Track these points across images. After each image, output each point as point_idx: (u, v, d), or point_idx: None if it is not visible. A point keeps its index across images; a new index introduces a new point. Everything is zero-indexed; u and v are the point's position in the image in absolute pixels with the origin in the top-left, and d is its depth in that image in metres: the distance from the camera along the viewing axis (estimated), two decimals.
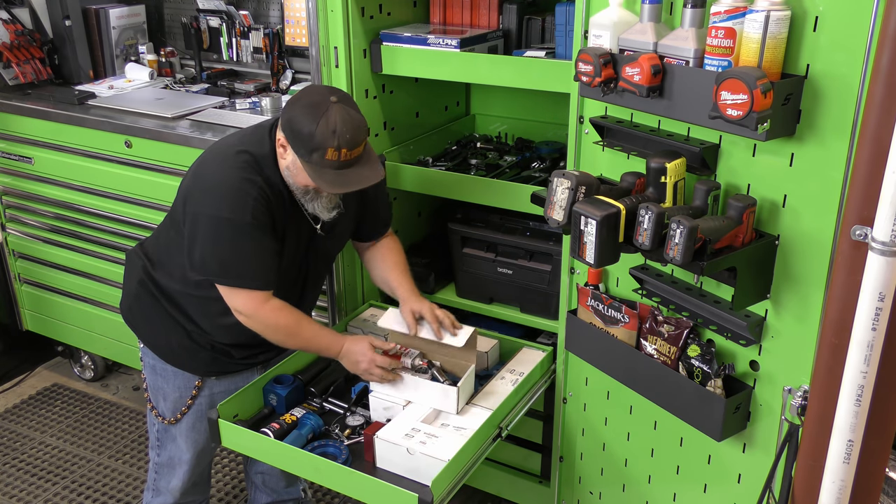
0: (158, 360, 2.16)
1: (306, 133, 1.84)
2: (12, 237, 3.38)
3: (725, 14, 1.55)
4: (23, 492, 2.92)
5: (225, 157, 1.97)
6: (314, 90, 1.92)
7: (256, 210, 1.91)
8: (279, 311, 2.00)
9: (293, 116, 1.87)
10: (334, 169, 1.87)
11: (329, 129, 1.82)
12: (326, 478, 1.94)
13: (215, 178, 1.95)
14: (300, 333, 2.04)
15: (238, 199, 1.90)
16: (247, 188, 1.91)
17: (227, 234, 1.92)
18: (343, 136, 1.83)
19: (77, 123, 2.96)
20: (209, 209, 1.92)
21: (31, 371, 3.65)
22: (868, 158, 1.31)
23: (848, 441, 1.42)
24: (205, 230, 1.94)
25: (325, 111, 1.83)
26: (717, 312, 1.81)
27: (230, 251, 1.93)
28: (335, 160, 1.85)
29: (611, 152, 1.96)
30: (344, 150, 1.84)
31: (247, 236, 1.92)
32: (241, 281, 1.96)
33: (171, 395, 2.18)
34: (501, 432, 2.07)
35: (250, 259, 1.94)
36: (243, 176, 1.92)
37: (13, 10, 3.28)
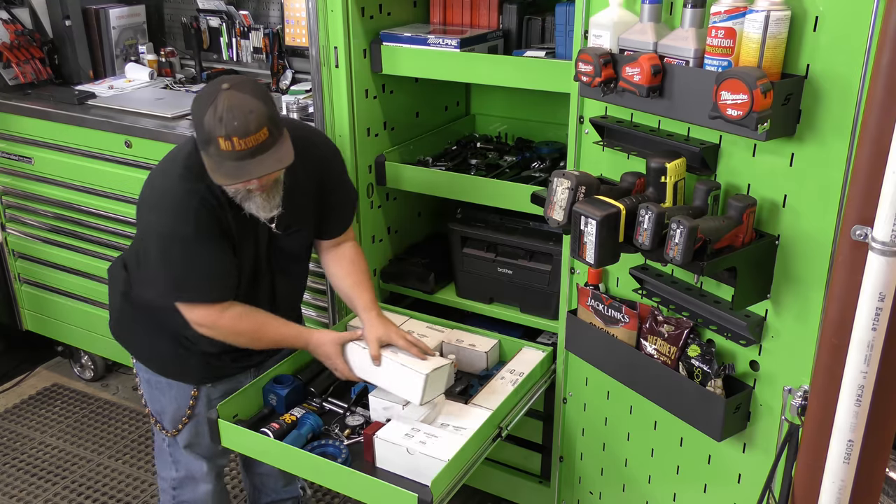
0: (152, 373, 2.13)
1: (197, 124, 1.75)
2: (12, 237, 3.38)
3: (725, 14, 1.55)
4: (23, 492, 2.92)
5: (166, 168, 1.91)
6: (218, 79, 1.79)
7: (200, 220, 1.83)
8: (239, 319, 1.95)
9: (192, 106, 1.77)
10: (233, 160, 1.73)
11: (216, 117, 1.70)
12: (326, 478, 1.94)
13: (156, 193, 1.88)
14: (265, 336, 2.01)
15: (180, 211, 1.83)
16: (187, 200, 1.83)
17: (174, 250, 1.86)
18: (230, 123, 1.69)
19: (77, 123, 2.96)
20: (153, 225, 1.87)
21: (31, 371, 3.65)
22: (868, 158, 1.31)
23: (848, 441, 1.42)
24: (153, 249, 1.89)
25: (214, 99, 1.71)
26: (717, 312, 1.81)
27: (180, 267, 1.87)
28: (230, 150, 1.71)
29: (611, 152, 1.96)
30: (235, 138, 1.70)
31: (194, 249, 1.85)
32: (195, 295, 1.90)
33: (169, 407, 2.15)
34: (501, 432, 2.07)
35: (201, 272, 1.88)
36: (184, 187, 1.83)
37: (13, 10, 3.28)
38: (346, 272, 2.17)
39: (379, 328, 2.05)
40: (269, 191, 1.86)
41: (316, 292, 2.70)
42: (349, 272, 2.17)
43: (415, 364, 1.98)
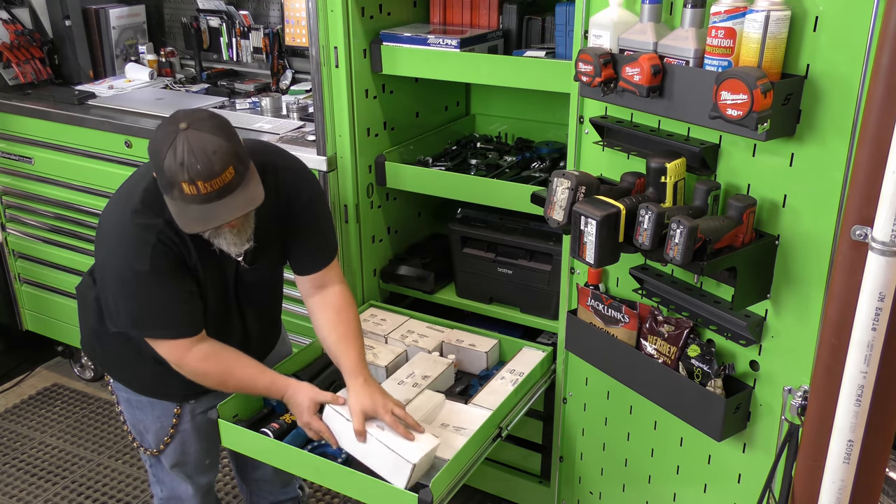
0: (132, 392, 2.04)
1: (157, 168, 1.63)
2: (12, 237, 3.38)
3: (725, 14, 1.55)
4: (23, 492, 2.92)
5: (122, 201, 1.79)
6: (174, 115, 1.66)
7: (156, 257, 1.73)
8: (206, 360, 1.85)
9: (150, 147, 1.66)
10: (199, 204, 1.62)
11: (177, 161, 1.58)
12: (326, 478, 1.94)
13: (111, 227, 1.79)
14: (233, 379, 1.90)
15: (135, 248, 1.73)
16: (143, 235, 1.73)
17: (130, 286, 1.77)
18: (192, 167, 1.58)
19: (77, 123, 2.96)
20: (110, 258, 1.79)
21: (31, 371, 3.65)
22: (868, 158, 1.31)
23: (848, 441, 1.42)
24: (110, 282, 1.80)
25: (172, 141, 1.60)
26: (717, 312, 1.81)
27: (138, 303, 1.78)
28: (195, 194, 1.60)
29: (611, 152, 1.96)
30: (199, 182, 1.59)
31: (150, 286, 1.75)
32: (156, 332, 1.81)
33: (152, 426, 2.07)
34: (501, 432, 2.07)
35: (159, 309, 1.78)
36: (140, 222, 1.73)
37: (13, 10, 3.28)
38: (331, 325, 1.98)
39: (365, 399, 1.85)
40: (240, 227, 1.77)
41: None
42: (334, 325, 1.98)
43: (403, 448, 1.80)
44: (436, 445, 1.85)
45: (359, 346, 1.98)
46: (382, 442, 1.82)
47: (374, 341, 2.45)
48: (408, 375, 2.23)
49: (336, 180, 2.50)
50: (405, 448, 1.81)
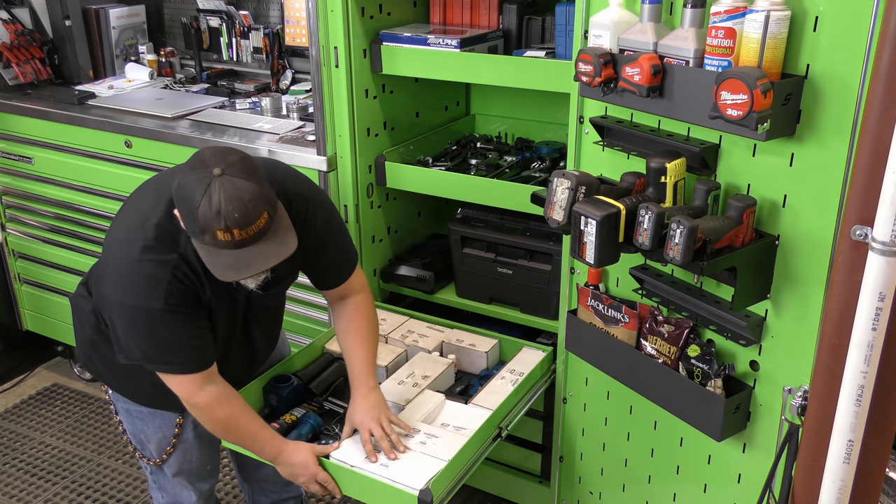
0: (132, 403, 2.02)
1: (189, 211, 1.58)
2: (12, 237, 3.38)
3: (725, 14, 1.55)
4: (23, 492, 2.92)
5: (132, 237, 1.73)
6: (201, 157, 1.62)
7: (170, 294, 1.69)
8: (217, 401, 1.81)
9: (179, 191, 1.60)
10: (231, 249, 1.60)
11: (213, 209, 1.55)
12: None
13: (121, 260, 1.73)
14: (237, 427, 1.86)
15: (148, 285, 1.69)
16: (158, 273, 1.69)
17: (141, 323, 1.72)
18: (230, 216, 1.55)
19: (77, 123, 2.96)
20: (118, 295, 1.72)
21: (31, 371, 3.65)
22: (868, 158, 1.31)
23: (848, 441, 1.42)
24: (119, 318, 1.75)
25: (208, 187, 1.55)
26: (717, 312, 1.81)
27: (148, 340, 1.74)
28: (229, 241, 1.58)
29: (611, 152, 1.96)
30: (235, 230, 1.56)
31: (162, 324, 1.71)
32: (167, 367, 1.77)
33: (153, 436, 2.05)
34: (501, 432, 2.07)
35: (171, 346, 1.75)
36: (153, 258, 1.69)
37: (13, 10, 3.28)
38: (343, 331, 2.03)
39: (357, 411, 1.93)
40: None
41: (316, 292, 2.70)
42: (346, 331, 2.02)
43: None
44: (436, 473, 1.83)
45: (365, 356, 1.98)
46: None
47: None
48: (408, 375, 2.23)
49: (336, 180, 2.50)
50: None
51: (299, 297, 2.74)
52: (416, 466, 1.85)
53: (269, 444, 1.90)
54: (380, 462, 1.87)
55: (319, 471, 1.89)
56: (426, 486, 1.77)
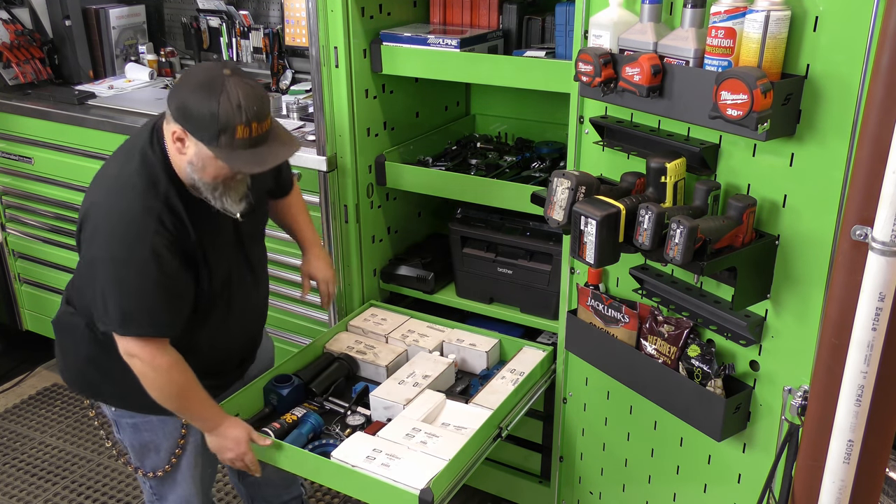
0: (140, 415, 2.00)
1: (208, 115, 1.64)
2: (12, 237, 3.38)
3: (725, 14, 1.55)
4: (23, 492, 2.92)
5: (112, 187, 1.77)
6: (199, 69, 1.71)
7: (157, 243, 1.71)
8: (175, 366, 1.82)
9: (186, 102, 1.66)
10: (247, 148, 1.68)
11: (233, 104, 1.63)
12: (327, 477, 1.94)
13: (106, 219, 1.74)
14: (189, 394, 1.87)
15: (136, 234, 1.71)
16: (143, 220, 1.71)
17: (126, 276, 1.72)
18: (250, 109, 1.65)
19: (77, 123, 2.96)
20: (105, 251, 1.73)
21: (31, 371, 3.65)
22: (868, 158, 1.31)
23: (848, 441, 1.42)
24: (105, 275, 1.74)
25: (223, 86, 1.64)
26: (717, 312, 1.81)
27: (130, 295, 1.73)
28: (247, 137, 1.66)
29: (611, 152, 1.96)
30: (254, 123, 1.66)
31: (146, 276, 1.72)
32: (142, 329, 1.76)
33: (163, 444, 2.05)
34: (501, 432, 2.07)
35: (150, 302, 1.74)
36: (140, 206, 1.72)
37: (13, 10, 3.28)
38: (285, 209, 2.25)
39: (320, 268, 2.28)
40: (244, 181, 1.83)
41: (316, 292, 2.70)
42: (288, 207, 2.24)
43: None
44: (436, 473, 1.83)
45: (308, 221, 2.29)
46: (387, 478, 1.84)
47: (374, 341, 2.45)
48: (408, 375, 2.23)
49: (336, 180, 2.50)
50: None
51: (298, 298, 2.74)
52: (417, 466, 1.85)
53: (214, 416, 1.94)
54: (380, 462, 1.87)
55: (249, 452, 1.94)
56: (427, 485, 1.77)
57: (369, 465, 1.87)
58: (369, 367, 2.35)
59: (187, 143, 1.71)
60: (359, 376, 2.36)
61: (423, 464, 1.86)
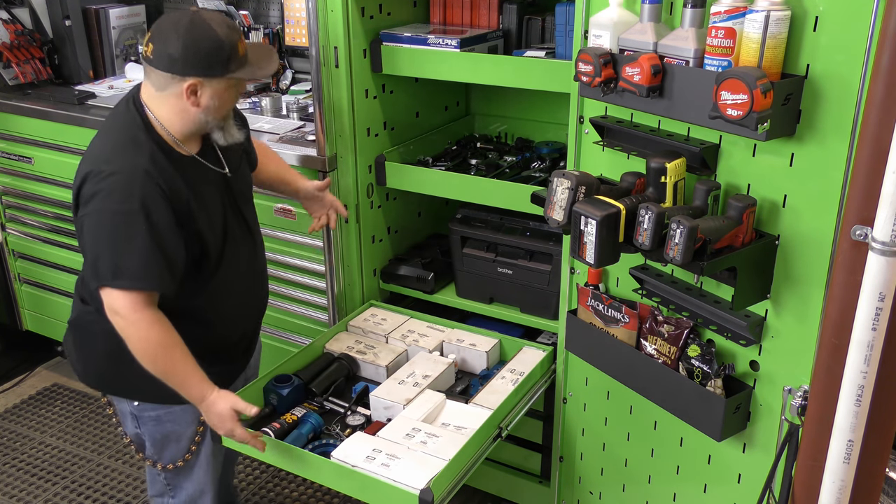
0: (163, 407, 2.03)
1: (215, 46, 1.76)
2: (12, 237, 3.38)
3: (725, 14, 1.55)
4: (23, 492, 2.92)
5: (101, 153, 1.83)
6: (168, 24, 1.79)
7: (146, 196, 1.76)
8: (157, 324, 1.81)
9: (187, 51, 1.75)
10: (247, 61, 1.84)
11: (223, 30, 1.77)
12: (327, 477, 1.94)
13: (96, 176, 1.78)
14: (171, 357, 1.84)
15: (126, 189, 1.75)
16: (133, 177, 1.76)
17: (116, 229, 1.76)
18: (233, 26, 1.81)
19: (77, 123, 2.96)
20: (96, 206, 1.76)
21: (31, 371, 3.65)
22: (868, 158, 1.31)
23: (848, 441, 1.42)
24: (95, 230, 1.78)
25: (203, 20, 1.77)
26: (717, 312, 1.81)
27: (120, 248, 1.77)
28: (244, 53, 1.83)
29: (611, 152, 1.96)
30: (241, 38, 1.83)
31: (136, 226, 1.75)
32: (132, 281, 1.77)
33: (185, 431, 2.08)
34: (501, 432, 2.07)
35: (139, 253, 1.76)
36: (130, 163, 1.77)
37: (13, 10, 3.28)
38: (264, 170, 2.27)
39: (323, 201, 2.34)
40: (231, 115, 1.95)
41: (316, 292, 2.71)
42: (265, 168, 2.28)
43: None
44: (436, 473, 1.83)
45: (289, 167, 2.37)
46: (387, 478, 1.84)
47: (374, 341, 2.45)
48: (408, 375, 2.23)
49: (336, 180, 2.50)
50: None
51: (299, 297, 2.75)
52: (417, 466, 1.85)
53: (198, 384, 1.88)
54: (380, 462, 1.87)
55: (237, 428, 1.89)
56: (427, 485, 1.77)
57: (369, 465, 1.87)
58: (369, 367, 2.35)
59: (202, 92, 1.80)
60: (359, 376, 2.36)
61: (423, 464, 1.86)
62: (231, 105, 1.89)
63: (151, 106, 1.84)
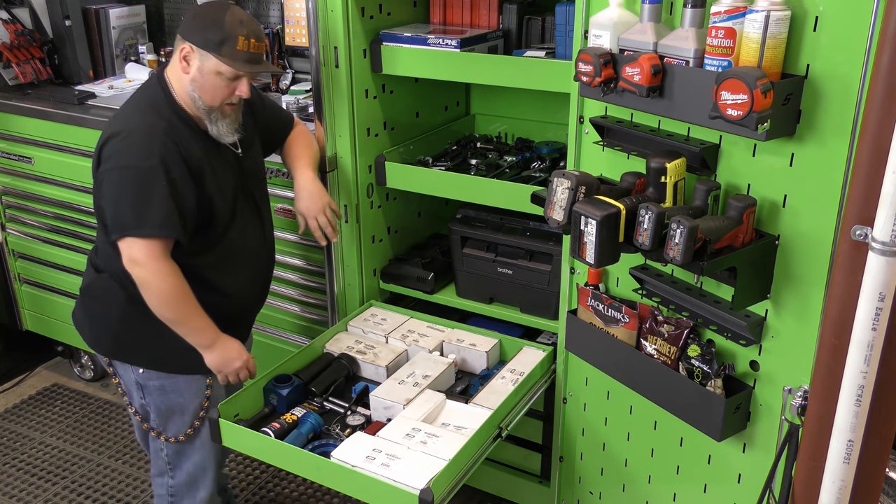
0: (168, 376, 2.11)
1: (215, 25, 1.90)
2: (12, 237, 3.38)
3: (725, 14, 1.55)
4: (23, 492, 2.92)
5: (122, 116, 2.00)
6: (204, 3, 1.99)
7: (165, 152, 1.90)
8: (172, 274, 1.94)
9: (197, 19, 1.93)
10: (245, 62, 1.93)
11: (236, 19, 1.91)
12: (327, 477, 1.94)
13: (117, 136, 1.92)
14: (185, 303, 1.98)
15: (145, 146, 1.89)
16: (150, 132, 1.91)
17: (133, 182, 1.89)
18: (250, 25, 1.93)
19: (77, 123, 2.96)
20: (117, 162, 1.90)
21: (31, 371, 3.65)
22: (868, 158, 1.32)
23: (848, 441, 1.42)
24: (110, 186, 1.92)
25: (227, 6, 1.93)
26: (717, 312, 1.81)
27: (139, 198, 1.89)
28: (245, 51, 1.92)
29: (611, 152, 1.96)
30: (252, 40, 1.93)
31: (155, 181, 1.88)
32: (154, 229, 1.90)
33: (190, 404, 2.15)
34: (501, 432, 2.07)
35: (158, 204, 1.89)
36: (146, 122, 1.93)
37: (13, 10, 3.28)
38: (288, 147, 2.35)
39: (303, 198, 2.26)
40: (237, 112, 2.04)
41: (316, 292, 2.71)
42: (290, 146, 2.35)
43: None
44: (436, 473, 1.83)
45: (311, 156, 2.34)
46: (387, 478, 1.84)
47: (374, 341, 2.45)
48: (408, 375, 2.23)
49: (336, 180, 2.50)
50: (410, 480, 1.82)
51: (299, 297, 2.75)
52: (417, 466, 1.85)
53: (209, 328, 2.04)
54: (380, 462, 1.87)
55: (250, 360, 2.12)
56: (427, 485, 1.77)
57: (369, 465, 1.87)
58: (369, 367, 2.35)
59: (191, 60, 1.94)
60: (359, 376, 2.36)
61: (423, 464, 1.86)
62: (218, 96, 1.96)
63: (169, 73, 2.00)
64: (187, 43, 1.93)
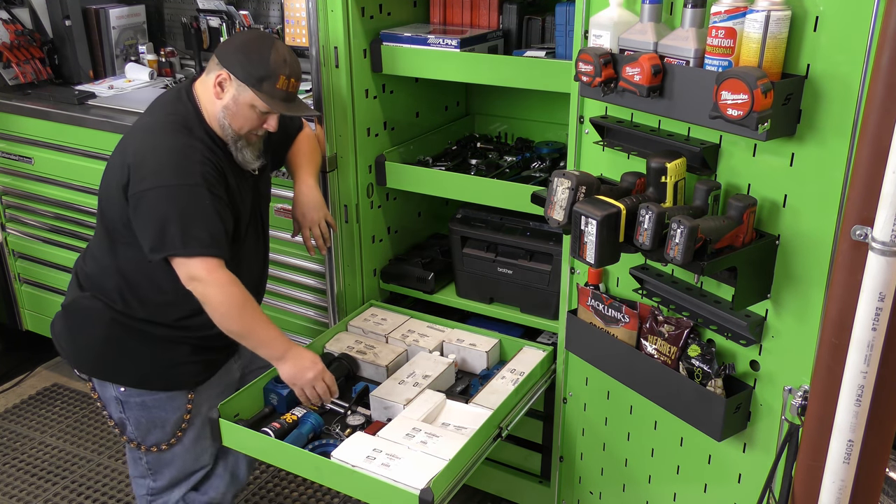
0: (148, 393, 2.06)
1: (259, 61, 1.88)
2: (12, 237, 3.38)
3: (726, 14, 1.55)
4: (23, 492, 2.92)
5: (153, 130, 1.94)
6: (249, 32, 1.98)
7: (206, 172, 1.88)
8: (233, 283, 1.90)
9: (238, 50, 1.91)
10: (282, 100, 1.93)
11: (281, 58, 1.90)
12: (327, 477, 1.94)
13: (153, 151, 1.89)
14: (252, 313, 1.94)
15: (183, 163, 1.87)
16: (189, 152, 1.89)
17: (181, 201, 1.85)
18: (293, 66, 1.92)
19: (77, 123, 2.96)
20: (157, 181, 1.85)
21: (31, 371, 3.65)
22: (868, 158, 1.32)
23: (848, 441, 1.42)
24: (154, 205, 1.85)
25: (273, 43, 1.91)
26: (717, 312, 1.81)
27: (185, 219, 1.85)
28: (284, 90, 1.91)
29: (611, 152, 1.96)
30: (293, 80, 1.93)
31: (199, 200, 1.86)
32: (203, 248, 1.86)
33: (170, 419, 2.10)
34: (501, 432, 2.07)
35: (205, 224, 1.86)
36: (183, 141, 1.90)
37: (13, 10, 3.28)
38: (298, 145, 2.32)
39: (304, 205, 2.26)
40: (261, 141, 2.04)
41: (316, 292, 2.71)
42: (301, 145, 2.32)
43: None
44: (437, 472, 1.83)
45: (313, 162, 2.32)
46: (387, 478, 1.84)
47: (374, 341, 2.45)
48: (408, 375, 2.23)
49: (336, 180, 2.50)
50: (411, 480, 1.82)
51: (299, 297, 2.75)
52: (417, 466, 1.85)
53: (279, 338, 1.99)
54: (380, 462, 1.87)
55: (328, 372, 2.04)
56: (427, 485, 1.77)
57: (369, 465, 1.87)
58: (369, 367, 2.35)
59: (227, 87, 1.92)
60: (359, 376, 2.36)
61: (423, 464, 1.86)
62: (247, 126, 1.95)
63: (198, 91, 1.98)
64: (225, 70, 1.90)
